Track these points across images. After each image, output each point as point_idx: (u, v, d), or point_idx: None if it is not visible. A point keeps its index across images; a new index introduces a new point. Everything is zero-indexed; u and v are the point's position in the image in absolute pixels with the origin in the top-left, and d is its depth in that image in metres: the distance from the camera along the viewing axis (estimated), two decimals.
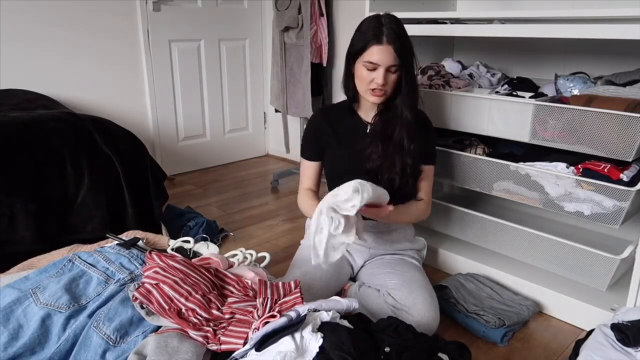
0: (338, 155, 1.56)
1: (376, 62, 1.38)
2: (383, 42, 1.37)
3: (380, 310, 1.42)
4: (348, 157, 1.55)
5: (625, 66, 1.70)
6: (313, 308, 1.10)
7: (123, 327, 1.13)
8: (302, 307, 1.09)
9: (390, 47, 1.37)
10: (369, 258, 1.62)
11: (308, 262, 1.54)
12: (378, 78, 1.39)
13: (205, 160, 3.29)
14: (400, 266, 1.56)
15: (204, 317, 1.12)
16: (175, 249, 1.66)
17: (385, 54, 1.37)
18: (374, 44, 1.38)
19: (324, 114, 1.60)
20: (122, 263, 1.35)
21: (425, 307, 1.40)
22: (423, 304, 1.41)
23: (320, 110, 1.65)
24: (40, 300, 1.22)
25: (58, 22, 2.49)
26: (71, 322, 1.17)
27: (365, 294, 1.51)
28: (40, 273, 1.33)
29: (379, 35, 1.38)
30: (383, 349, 1.06)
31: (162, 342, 1.04)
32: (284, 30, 2.81)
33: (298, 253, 1.65)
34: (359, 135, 1.54)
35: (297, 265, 1.56)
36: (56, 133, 1.72)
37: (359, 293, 1.52)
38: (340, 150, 1.56)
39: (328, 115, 1.60)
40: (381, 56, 1.37)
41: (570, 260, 1.57)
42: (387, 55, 1.37)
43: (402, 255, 1.62)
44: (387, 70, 1.39)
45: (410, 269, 1.55)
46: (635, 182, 1.39)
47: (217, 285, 1.23)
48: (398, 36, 1.39)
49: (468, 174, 1.75)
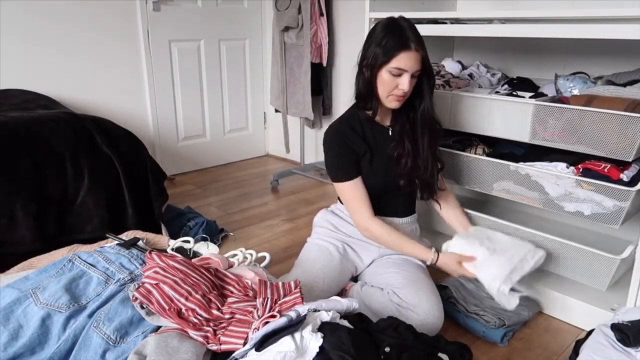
0: (374, 165, 1.52)
1: (404, 68, 1.37)
2: (412, 49, 1.36)
3: (385, 309, 1.42)
4: (383, 165, 1.52)
5: (625, 66, 1.70)
6: (313, 308, 1.10)
7: (123, 327, 1.13)
8: (302, 307, 1.08)
9: (418, 53, 1.37)
10: (377, 257, 1.62)
11: (311, 262, 1.55)
12: (404, 84, 1.38)
13: (205, 160, 3.28)
14: (405, 266, 1.56)
15: (204, 317, 1.12)
16: (175, 249, 1.66)
17: (414, 60, 1.36)
18: (403, 50, 1.35)
19: (346, 126, 1.51)
20: (122, 263, 1.35)
21: (430, 306, 1.41)
22: (428, 303, 1.41)
23: (338, 123, 1.53)
24: (40, 300, 1.22)
25: (58, 22, 2.48)
26: (71, 322, 1.17)
27: (368, 293, 1.51)
28: (40, 273, 1.33)
29: (406, 42, 1.36)
30: (383, 349, 1.06)
31: (162, 342, 1.04)
32: (284, 30, 2.81)
33: (303, 252, 1.63)
34: (386, 142, 1.53)
35: (300, 265, 1.57)
36: (56, 133, 1.72)
37: (361, 292, 1.52)
38: (375, 159, 1.52)
39: (350, 126, 1.51)
40: (410, 62, 1.36)
41: (570, 260, 1.57)
42: (415, 61, 1.37)
43: (407, 256, 1.62)
44: (412, 75, 1.39)
45: (415, 269, 1.56)
46: (636, 182, 1.39)
47: (217, 285, 1.23)
48: (421, 41, 1.39)
49: (468, 173, 1.74)
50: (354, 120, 1.53)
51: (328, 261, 1.54)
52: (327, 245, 1.59)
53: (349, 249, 1.61)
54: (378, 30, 1.40)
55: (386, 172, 1.53)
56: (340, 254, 1.58)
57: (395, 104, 1.44)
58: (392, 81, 1.39)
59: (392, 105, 1.45)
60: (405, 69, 1.37)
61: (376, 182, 1.53)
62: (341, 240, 1.61)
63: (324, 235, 1.62)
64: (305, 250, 1.63)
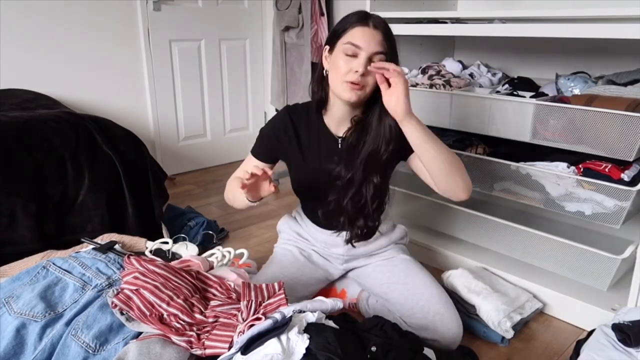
0: (302, 171, 1.42)
1: (358, 45, 1.19)
2: (369, 25, 1.20)
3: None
4: (312, 174, 1.40)
5: (626, 66, 1.70)
6: (298, 309, 1.08)
7: (102, 335, 1.09)
8: (287, 309, 1.07)
9: (377, 31, 1.20)
10: (345, 262, 1.53)
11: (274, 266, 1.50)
12: (358, 66, 1.19)
13: (206, 160, 3.28)
14: (396, 275, 1.44)
15: (186, 322, 1.09)
16: (153, 251, 1.64)
17: (369, 37, 1.19)
18: (358, 24, 1.20)
19: (291, 118, 1.39)
20: (98, 268, 1.32)
21: (447, 326, 1.30)
22: (442, 321, 1.30)
23: (287, 111, 1.41)
24: (14, 310, 1.17)
25: (58, 22, 2.48)
26: (47, 331, 1.13)
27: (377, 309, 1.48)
28: (13, 281, 1.28)
29: (365, 19, 1.21)
30: (370, 348, 1.06)
31: (144, 349, 1.01)
32: (285, 29, 2.81)
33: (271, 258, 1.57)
34: (327, 151, 1.37)
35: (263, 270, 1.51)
36: (56, 133, 1.72)
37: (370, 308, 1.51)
38: (304, 165, 1.40)
39: (295, 120, 1.39)
40: (366, 38, 1.19)
41: (571, 260, 1.57)
42: (372, 40, 1.19)
43: (386, 254, 1.51)
44: (370, 59, 1.20)
45: (406, 273, 1.44)
46: (636, 181, 1.39)
47: (199, 288, 1.20)
48: (386, 26, 1.23)
49: (468, 173, 1.74)
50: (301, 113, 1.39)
51: (291, 264, 1.49)
52: (292, 248, 1.54)
53: (314, 254, 1.54)
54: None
55: (316, 184, 1.39)
56: (305, 257, 1.52)
57: (349, 94, 1.22)
58: (345, 63, 1.21)
59: (345, 95, 1.23)
60: (359, 45, 1.19)
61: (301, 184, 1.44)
62: (305, 246, 1.55)
63: (288, 241, 1.58)
64: (271, 257, 1.58)
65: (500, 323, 1.43)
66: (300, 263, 1.51)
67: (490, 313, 1.45)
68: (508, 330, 1.42)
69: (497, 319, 1.43)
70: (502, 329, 1.43)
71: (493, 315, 1.44)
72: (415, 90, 1.81)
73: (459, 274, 1.61)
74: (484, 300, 1.47)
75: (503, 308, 1.45)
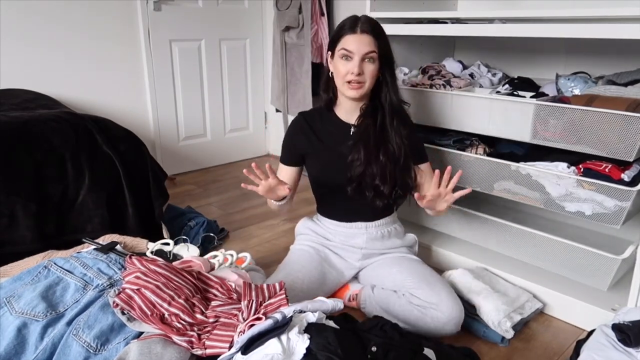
0: (320, 160, 1.55)
1: (350, 50, 1.40)
2: (357, 32, 1.40)
3: (406, 312, 1.41)
4: (329, 162, 1.53)
5: (626, 66, 1.70)
6: (299, 309, 1.09)
7: (104, 334, 1.09)
8: (288, 309, 1.07)
9: (364, 35, 1.40)
10: (362, 258, 1.61)
11: (291, 264, 1.54)
12: (353, 67, 1.40)
13: (206, 160, 3.28)
14: (406, 263, 1.56)
15: (187, 322, 1.10)
16: (154, 252, 1.64)
17: (359, 42, 1.39)
18: (349, 32, 1.41)
19: (305, 119, 1.59)
20: (100, 268, 1.32)
21: (451, 302, 1.39)
22: (448, 299, 1.40)
23: (301, 114, 1.62)
24: (16, 309, 1.17)
25: (58, 22, 2.48)
26: (49, 330, 1.13)
27: (383, 296, 1.49)
28: (14, 281, 1.29)
29: (353, 25, 1.42)
30: (370, 348, 1.06)
31: (145, 349, 1.02)
32: (285, 29, 2.81)
33: (285, 258, 1.63)
34: (342, 139, 1.53)
35: (281, 269, 1.55)
36: (57, 133, 1.72)
37: (375, 296, 1.51)
38: (322, 155, 1.54)
39: (309, 119, 1.58)
40: (356, 44, 1.39)
41: (571, 260, 1.57)
42: (362, 44, 1.39)
43: (398, 253, 1.61)
44: (363, 60, 1.40)
45: (417, 265, 1.55)
46: (637, 182, 1.38)
47: (200, 288, 1.20)
48: (373, 27, 1.42)
49: (469, 174, 1.74)
50: (317, 113, 1.60)
51: (308, 262, 1.54)
52: (308, 248, 1.60)
53: (331, 253, 1.60)
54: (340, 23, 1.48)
55: (334, 171, 1.52)
56: (321, 257, 1.58)
57: (351, 92, 1.44)
58: (344, 67, 1.42)
59: (348, 93, 1.45)
60: (351, 51, 1.40)
61: (319, 175, 1.56)
62: (321, 244, 1.61)
63: (305, 241, 1.63)
64: (287, 256, 1.63)
65: (501, 323, 1.43)
66: (317, 262, 1.56)
67: (490, 313, 1.45)
68: (508, 330, 1.42)
69: (497, 319, 1.43)
70: (502, 329, 1.43)
71: (493, 315, 1.44)
72: (415, 90, 1.81)
73: (459, 274, 1.61)
74: (484, 300, 1.48)
75: (503, 308, 1.46)
